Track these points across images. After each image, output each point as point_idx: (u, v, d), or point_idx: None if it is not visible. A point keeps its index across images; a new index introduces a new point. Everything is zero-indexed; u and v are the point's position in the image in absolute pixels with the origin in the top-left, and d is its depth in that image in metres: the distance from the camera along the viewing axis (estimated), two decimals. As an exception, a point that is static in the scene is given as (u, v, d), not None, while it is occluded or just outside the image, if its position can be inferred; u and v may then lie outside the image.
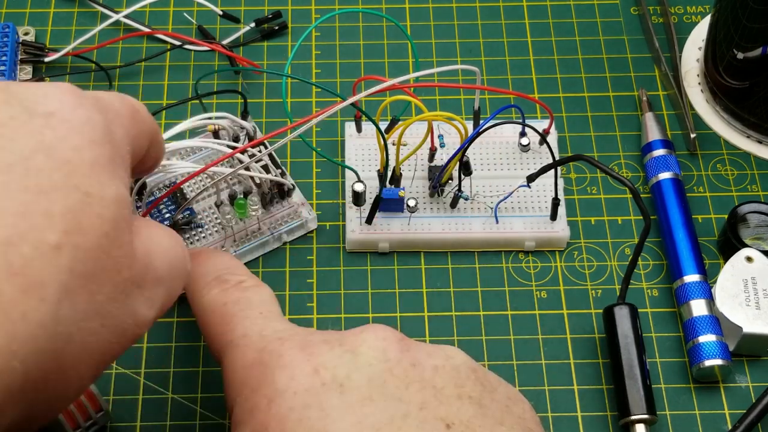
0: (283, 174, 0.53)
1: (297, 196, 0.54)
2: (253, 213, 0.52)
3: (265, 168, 0.52)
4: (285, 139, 0.47)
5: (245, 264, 0.53)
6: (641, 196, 0.52)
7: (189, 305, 0.52)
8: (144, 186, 0.50)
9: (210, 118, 0.51)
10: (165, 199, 0.52)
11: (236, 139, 0.53)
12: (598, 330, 0.51)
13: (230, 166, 0.50)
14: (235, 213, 0.52)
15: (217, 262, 0.46)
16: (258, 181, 0.52)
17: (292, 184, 0.53)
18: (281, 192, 0.53)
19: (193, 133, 0.53)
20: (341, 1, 0.63)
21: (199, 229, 0.53)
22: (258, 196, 0.52)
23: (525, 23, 0.62)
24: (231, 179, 0.53)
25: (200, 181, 0.54)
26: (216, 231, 0.53)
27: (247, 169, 0.50)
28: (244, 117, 0.55)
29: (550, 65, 0.60)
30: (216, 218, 0.53)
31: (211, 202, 0.53)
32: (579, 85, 0.59)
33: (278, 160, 0.54)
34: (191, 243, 0.52)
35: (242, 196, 0.52)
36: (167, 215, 0.52)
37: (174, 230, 0.51)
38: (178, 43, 0.60)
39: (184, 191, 0.53)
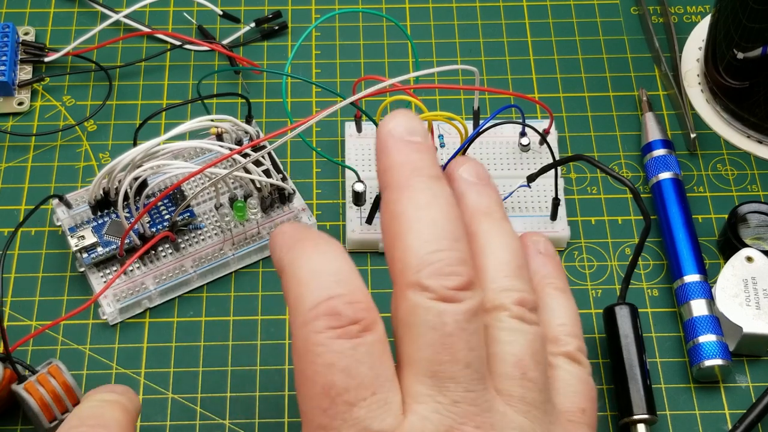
0: (284, 179, 0.53)
1: (298, 201, 0.54)
2: (253, 217, 0.52)
3: (267, 172, 0.52)
4: (284, 138, 0.47)
5: (243, 267, 0.53)
6: (641, 196, 0.52)
7: (188, 303, 0.52)
8: (144, 184, 0.50)
9: (212, 120, 0.51)
10: (166, 201, 0.52)
11: (239, 143, 0.53)
12: (598, 330, 0.51)
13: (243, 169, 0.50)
14: (234, 216, 0.52)
15: (333, 265, 0.37)
16: (258, 185, 0.52)
17: (293, 189, 0.53)
18: (282, 197, 0.53)
19: (193, 134, 0.53)
20: (341, 1, 0.63)
21: (198, 231, 0.53)
22: (258, 200, 0.52)
23: (525, 23, 0.62)
24: (232, 182, 0.53)
25: (202, 183, 0.54)
26: (215, 234, 0.53)
27: (247, 171, 0.50)
28: (248, 121, 0.55)
29: (550, 65, 0.60)
30: (216, 221, 0.53)
31: (212, 204, 0.53)
32: (579, 85, 0.59)
33: (280, 165, 0.54)
34: (190, 245, 0.52)
35: (241, 199, 0.52)
36: (167, 216, 0.52)
37: (171, 232, 0.51)
38: (178, 43, 0.60)
39: (186, 193, 0.53)
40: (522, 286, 0.40)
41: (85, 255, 0.51)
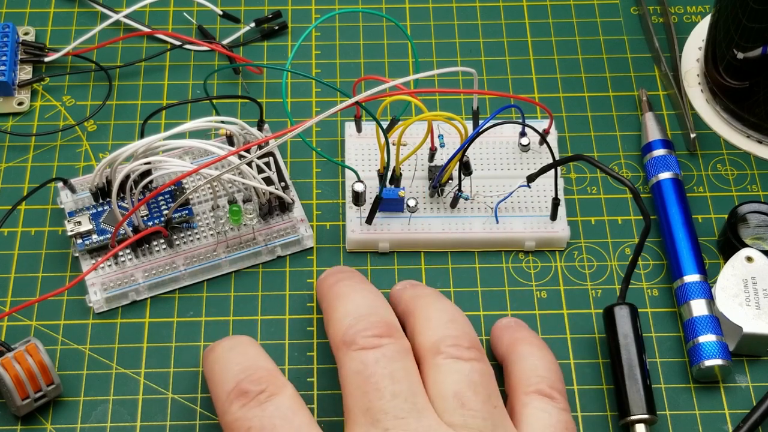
0: (286, 188, 0.53)
1: (298, 211, 0.54)
2: (249, 222, 0.52)
3: (268, 179, 0.51)
4: (284, 138, 0.47)
5: (239, 270, 0.53)
6: (641, 196, 0.52)
7: (188, 303, 0.52)
8: (151, 181, 0.51)
9: (222, 122, 0.51)
10: (167, 197, 0.53)
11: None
12: (598, 330, 0.51)
13: (239, 173, 0.50)
14: (229, 219, 0.52)
15: (237, 358, 0.45)
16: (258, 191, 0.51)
17: (292, 200, 0.53)
18: (282, 205, 0.53)
19: (194, 134, 0.53)
20: (341, 1, 0.63)
21: (194, 230, 0.52)
22: (256, 206, 0.52)
23: (525, 23, 0.62)
24: (230, 186, 0.52)
25: (206, 184, 0.53)
26: (211, 234, 0.53)
27: (242, 174, 0.50)
28: (259, 126, 0.55)
29: (550, 65, 0.60)
30: (214, 222, 0.53)
31: (212, 205, 0.53)
32: (579, 85, 0.59)
33: (286, 174, 0.54)
34: (184, 243, 0.52)
35: (237, 203, 0.52)
36: (166, 212, 0.52)
37: (164, 228, 0.51)
38: (178, 43, 0.60)
39: (186, 192, 0.53)
40: (456, 332, 0.44)
41: (79, 241, 0.51)
